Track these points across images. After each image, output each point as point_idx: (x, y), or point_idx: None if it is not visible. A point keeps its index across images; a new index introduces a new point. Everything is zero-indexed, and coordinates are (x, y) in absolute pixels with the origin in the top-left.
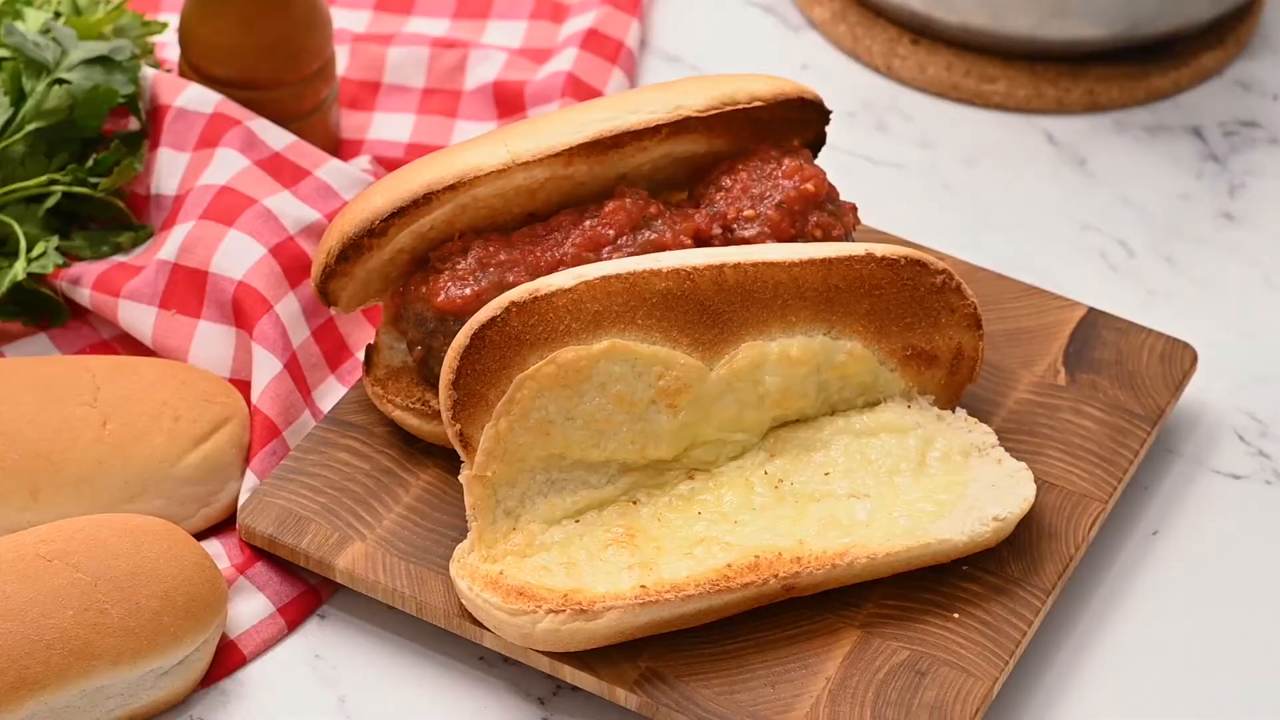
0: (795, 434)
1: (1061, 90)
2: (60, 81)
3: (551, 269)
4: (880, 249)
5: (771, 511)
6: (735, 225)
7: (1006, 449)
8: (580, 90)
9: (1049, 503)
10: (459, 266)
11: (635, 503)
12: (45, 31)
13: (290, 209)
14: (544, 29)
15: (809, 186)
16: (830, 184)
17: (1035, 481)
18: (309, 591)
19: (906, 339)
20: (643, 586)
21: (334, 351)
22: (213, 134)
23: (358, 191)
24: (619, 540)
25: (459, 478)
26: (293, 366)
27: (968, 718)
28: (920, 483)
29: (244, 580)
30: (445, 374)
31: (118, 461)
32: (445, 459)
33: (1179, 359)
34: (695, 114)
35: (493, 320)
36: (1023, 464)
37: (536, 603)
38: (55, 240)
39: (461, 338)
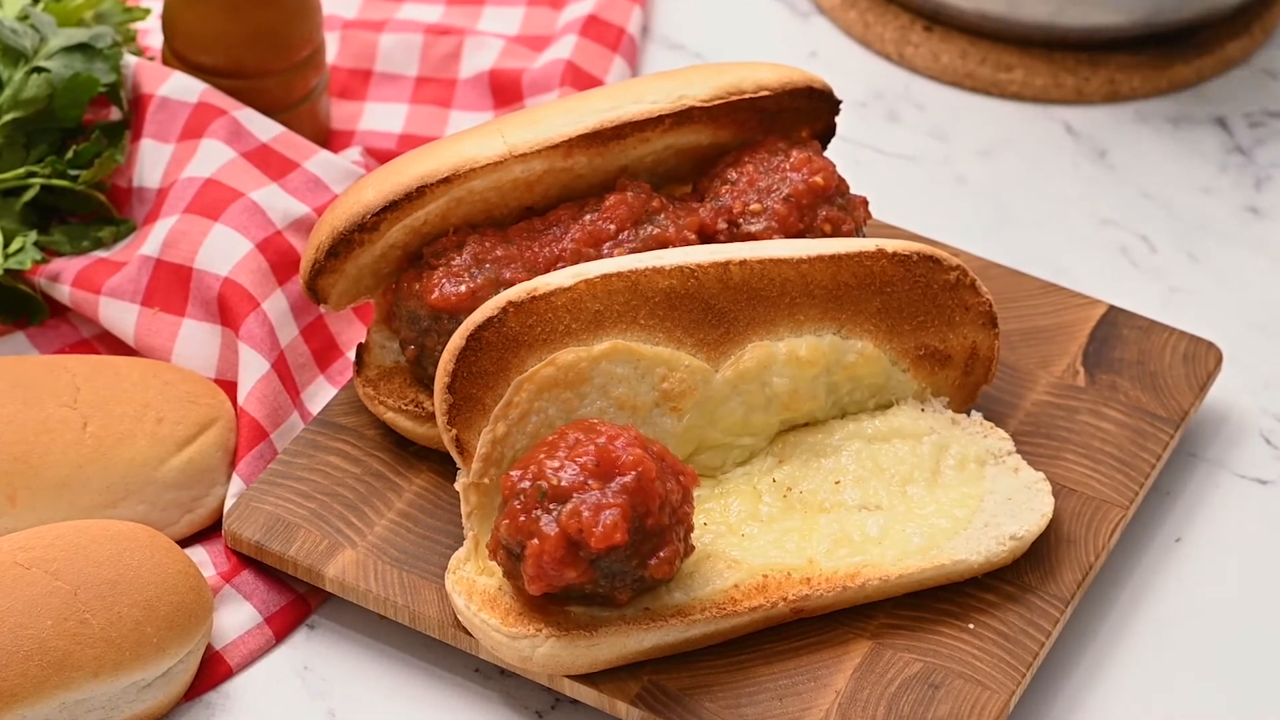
0: (804, 438)
1: (1081, 79)
2: (39, 70)
3: (550, 265)
4: (892, 244)
5: (779, 523)
6: (741, 220)
7: (1023, 452)
8: (580, 79)
9: (1068, 509)
10: (454, 263)
11: None
12: (23, 18)
13: (278, 202)
14: (542, 15)
15: (818, 179)
16: (840, 177)
17: (1054, 488)
18: (297, 600)
19: (919, 338)
20: (647, 609)
21: (323, 351)
22: (197, 124)
23: (348, 184)
24: None
25: (455, 485)
26: (280, 366)
27: None
28: (934, 494)
29: (230, 589)
30: (440, 377)
31: (98, 465)
32: (439, 462)
33: (1203, 359)
34: (699, 104)
35: (489, 321)
36: (1040, 474)
37: (537, 625)
38: (33, 235)
39: (457, 339)
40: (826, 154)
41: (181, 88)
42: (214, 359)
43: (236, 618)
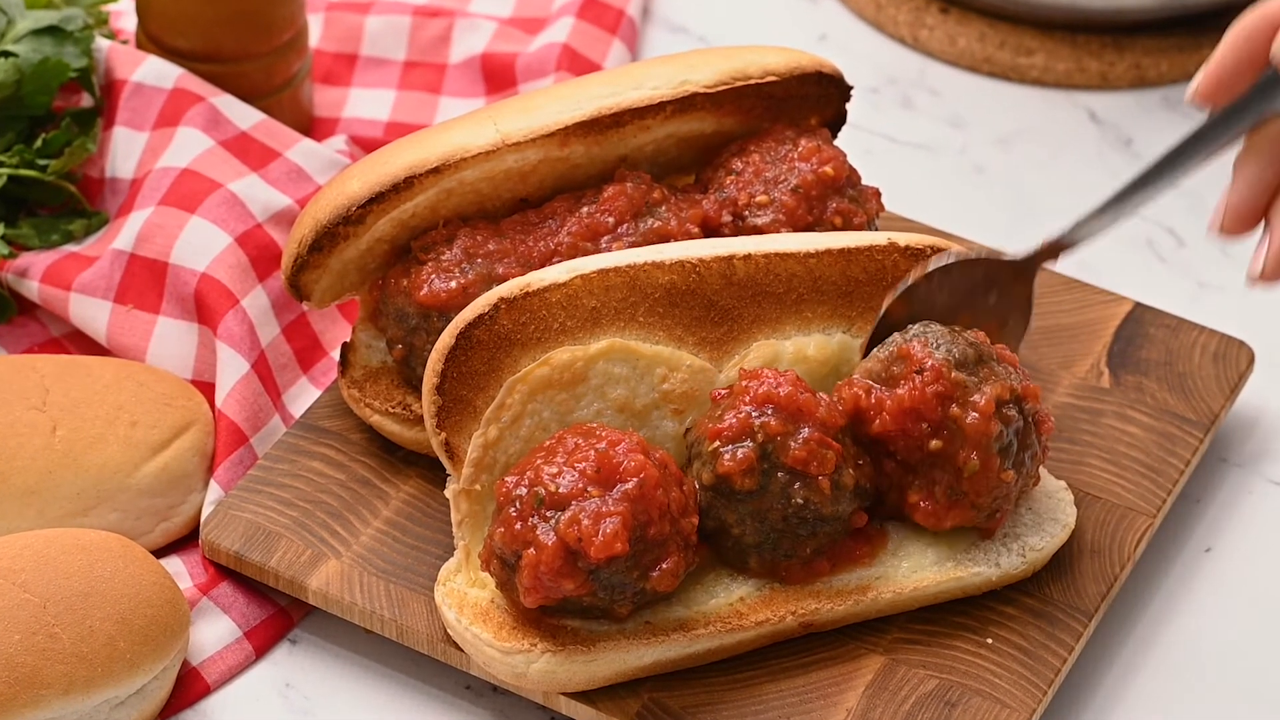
0: None
1: (1105, 64)
2: (6, 54)
3: (545, 260)
4: (905, 238)
5: None
6: (746, 212)
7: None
8: (577, 63)
9: (1092, 517)
10: (443, 257)
11: None
12: None
13: (258, 194)
14: None
15: (828, 170)
16: (851, 167)
17: (1077, 495)
18: (279, 614)
19: None
20: (647, 623)
21: (306, 350)
22: (173, 112)
23: (333, 175)
24: None
25: (445, 492)
26: (261, 367)
27: None
28: None
29: (207, 602)
30: (429, 378)
31: (69, 471)
32: (428, 468)
33: (1234, 359)
34: (703, 90)
35: (480, 318)
36: (1062, 483)
37: (532, 640)
38: (0, 228)
39: (446, 338)
40: (837, 143)
41: (156, 73)
42: (191, 359)
43: (214, 632)
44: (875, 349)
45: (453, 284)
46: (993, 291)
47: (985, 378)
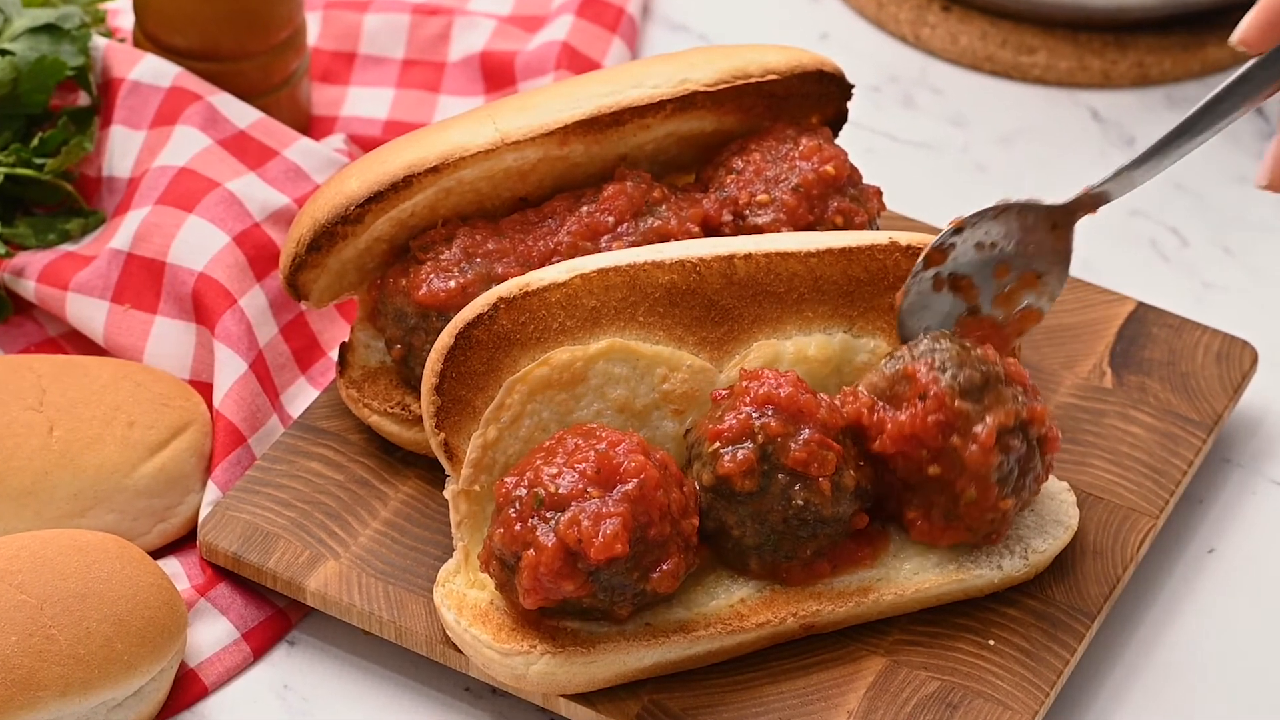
0: None
1: (1108, 62)
2: (3, 52)
3: (544, 260)
4: (906, 237)
5: None
6: (747, 211)
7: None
8: (576, 62)
9: (1094, 518)
10: (442, 257)
11: None
12: None
13: (256, 193)
14: None
15: (829, 169)
16: (852, 166)
17: (1079, 496)
18: (277, 615)
19: None
20: (647, 624)
21: (304, 350)
22: (171, 110)
23: (331, 174)
24: None
25: (444, 492)
26: (259, 367)
27: None
28: None
29: (205, 603)
30: (428, 378)
31: (66, 472)
32: (427, 469)
33: (1237, 359)
34: (703, 88)
35: (479, 318)
36: (1064, 484)
37: (531, 642)
38: None
39: (445, 337)
40: (838, 141)
41: (154, 71)
42: (188, 359)
43: (212, 633)
44: (882, 363)
45: (451, 284)
46: (1030, 244)
47: (989, 405)
